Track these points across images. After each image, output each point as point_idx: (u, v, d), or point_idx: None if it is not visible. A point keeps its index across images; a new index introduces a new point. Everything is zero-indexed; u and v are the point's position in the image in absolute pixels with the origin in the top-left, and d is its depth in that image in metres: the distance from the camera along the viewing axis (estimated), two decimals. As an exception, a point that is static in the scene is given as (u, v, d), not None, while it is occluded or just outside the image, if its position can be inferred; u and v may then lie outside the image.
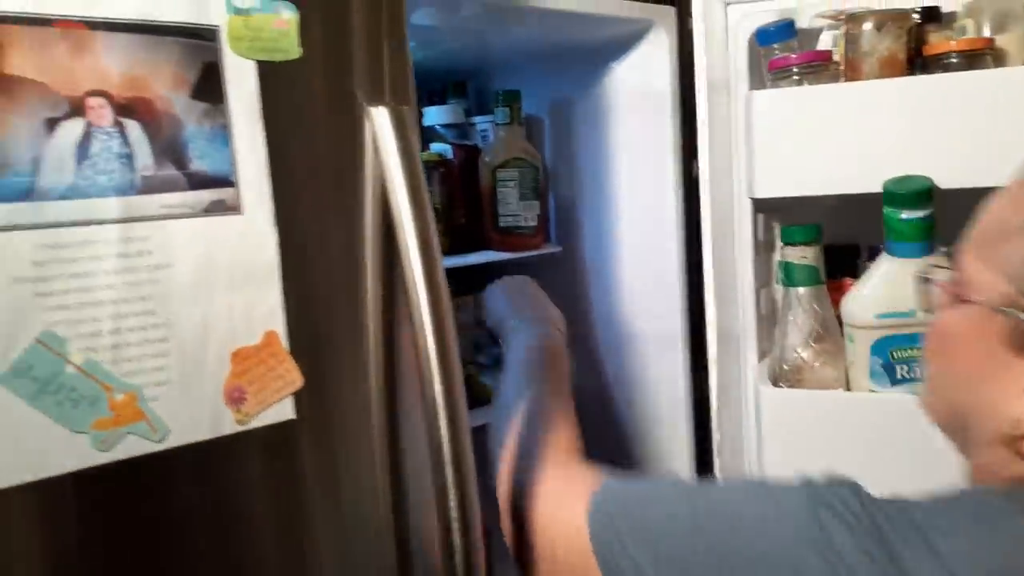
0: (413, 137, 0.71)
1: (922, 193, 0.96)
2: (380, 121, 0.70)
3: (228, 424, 0.64)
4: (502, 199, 1.33)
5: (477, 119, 1.46)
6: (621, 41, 1.24)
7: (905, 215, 0.97)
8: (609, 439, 1.41)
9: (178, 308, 0.61)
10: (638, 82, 1.25)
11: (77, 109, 0.56)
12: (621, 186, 1.34)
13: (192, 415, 0.62)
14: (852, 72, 1.07)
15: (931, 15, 1.04)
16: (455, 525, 0.70)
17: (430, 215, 0.71)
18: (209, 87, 0.61)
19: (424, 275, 0.70)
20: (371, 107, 0.70)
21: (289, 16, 0.64)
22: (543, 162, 1.37)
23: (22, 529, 0.58)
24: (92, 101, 0.56)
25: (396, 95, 0.72)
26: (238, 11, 0.62)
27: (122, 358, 0.59)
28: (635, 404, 1.38)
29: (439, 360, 0.70)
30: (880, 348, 1.01)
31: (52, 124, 0.55)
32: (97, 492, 0.60)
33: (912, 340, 0.99)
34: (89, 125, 0.56)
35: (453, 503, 0.70)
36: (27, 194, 0.55)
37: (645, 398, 1.36)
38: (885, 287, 1.01)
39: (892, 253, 1.00)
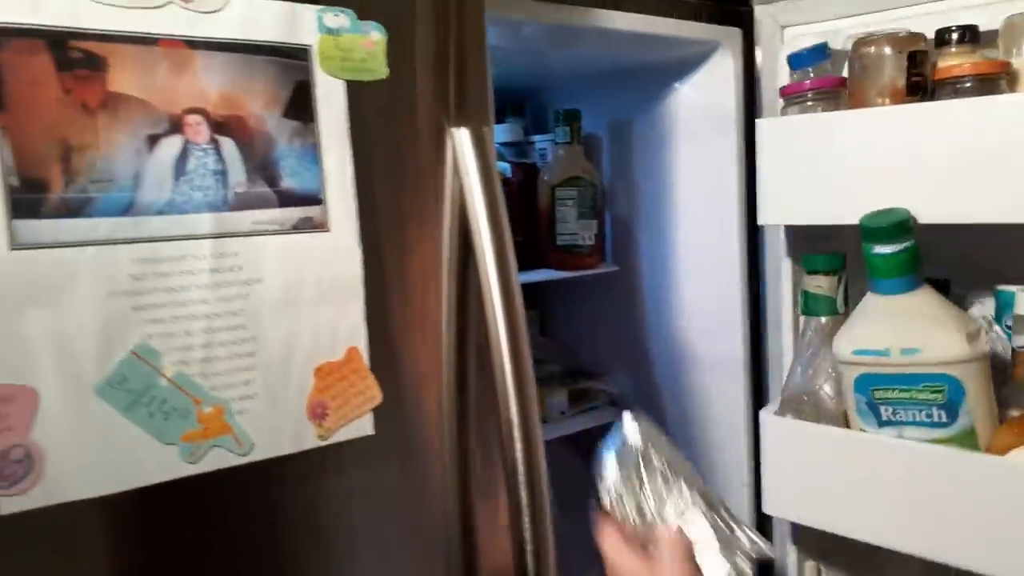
0: (492, 157, 0.72)
1: (896, 227, 0.90)
2: (461, 141, 0.70)
3: (310, 439, 0.64)
4: (560, 217, 1.33)
5: (535, 137, 1.47)
6: (685, 61, 1.24)
7: (878, 249, 0.92)
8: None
9: (266, 323, 0.62)
10: (701, 103, 1.25)
11: (176, 126, 0.57)
12: (680, 206, 1.33)
13: (276, 430, 0.63)
14: (852, 99, 1.02)
15: (945, 38, 0.96)
16: (528, 547, 0.70)
17: (508, 234, 0.72)
18: (300, 106, 0.62)
19: (501, 292, 0.70)
20: (452, 127, 0.71)
21: (378, 37, 0.65)
22: (600, 181, 1.37)
23: (111, 537, 0.59)
24: (190, 119, 0.57)
25: (476, 115, 0.73)
26: (329, 31, 0.63)
27: (211, 372, 0.60)
28: (693, 422, 1.36)
29: (514, 377, 0.70)
30: (861, 386, 0.97)
31: (153, 141, 0.56)
32: (174, 503, 0.61)
33: (891, 381, 0.94)
34: (187, 142, 0.57)
35: (527, 522, 0.70)
36: (128, 209, 0.56)
37: (704, 417, 1.35)
38: (863, 323, 0.96)
39: (871, 289, 0.96)
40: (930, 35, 0.99)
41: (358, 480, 0.68)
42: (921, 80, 0.98)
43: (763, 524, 1.23)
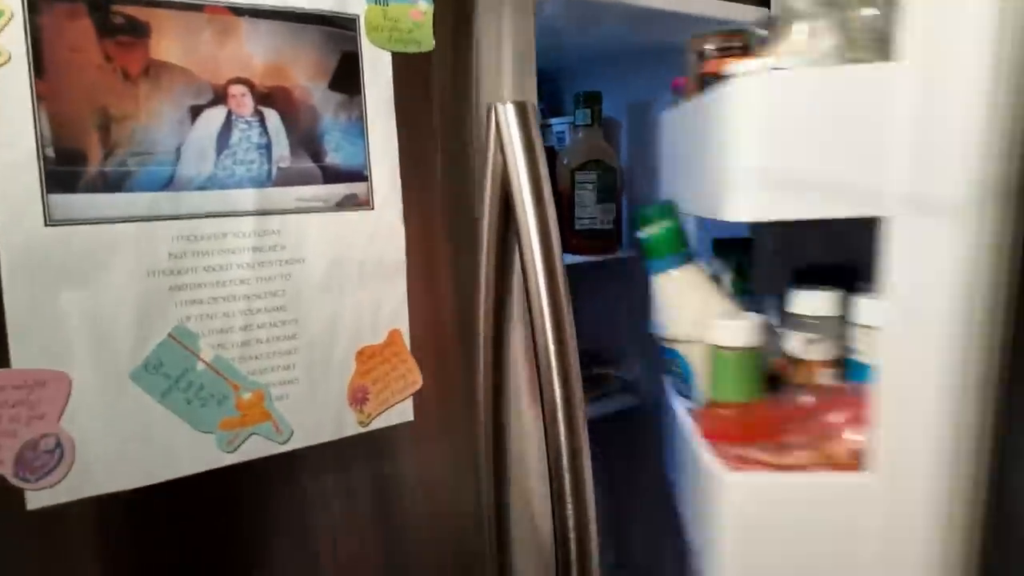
0: (536, 132, 0.69)
1: (649, 213, 0.97)
2: (506, 116, 0.68)
3: (350, 425, 0.62)
4: (579, 201, 1.30)
5: (552, 120, 1.44)
6: (709, 42, 1.21)
7: (641, 233, 0.97)
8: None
9: (308, 305, 0.59)
10: (726, 85, 1.22)
11: (220, 97, 0.54)
12: (700, 191, 1.31)
13: (317, 416, 0.60)
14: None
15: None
16: (572, 533, 0.68)
17: (551, 211, 0.69)
18: (346, 78, 0.59)
19: (545, 271, 0.68)
20: (497, 102, 0.68)
21: (425, 7, 0.62)
22: (619, 164, 1.35)
23: (148, 528, 0.56)
24: (234, 89, 0.55)
25: (522, 90, 0.70)
26: (377, 0, 0.60)
27: (250, 355, 0.58)
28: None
29: (558, 359, 0.67)
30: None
31: (196, 112, 0.53)
32: (205, 491, 0.58)
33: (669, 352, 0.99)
34: (230, 113, 0.55)
35: (570, 509, 0.68)
36: (168, 183, 0.53)
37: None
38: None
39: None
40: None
41: (396, 467, 0.66)
42: (702, 78, 0.98)
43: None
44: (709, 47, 0.98)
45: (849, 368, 0.84)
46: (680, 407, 0.96)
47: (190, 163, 0.53)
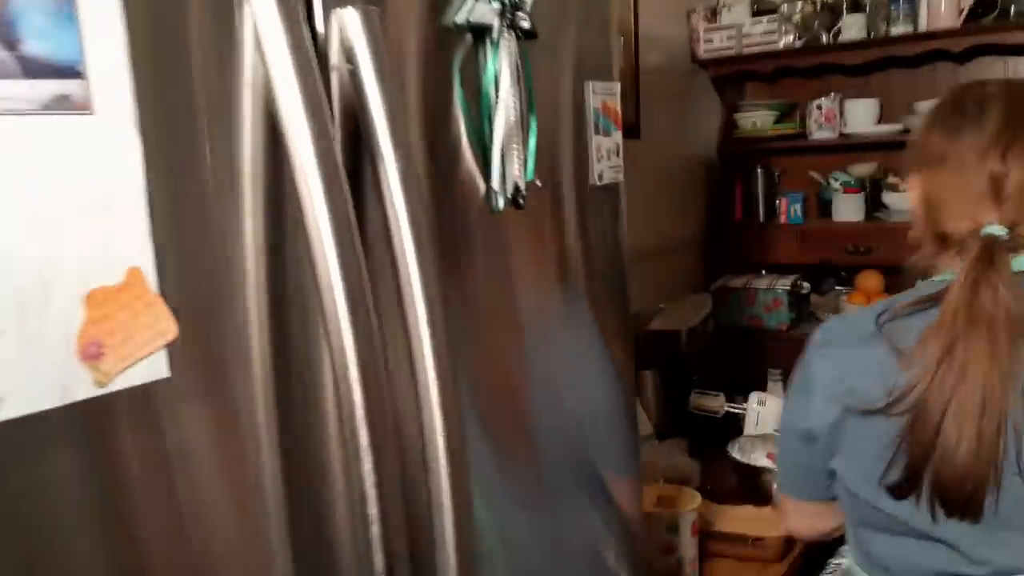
0: (304, 30, 0.58)
1: None
2: (262, 8, 0.57)
3: (84, 387, 0.50)
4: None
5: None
6: None
7: None
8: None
9: (9, 240, 0.46)
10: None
11: None
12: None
13: (34, 377, 0.48)
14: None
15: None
16: (372, 501, 0.60)
17: (327, 124, 0.59)
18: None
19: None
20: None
21: None
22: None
23: None
24: None
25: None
26: None
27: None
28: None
29: (349, 308, 0.59)
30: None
31: None
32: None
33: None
34: None
35: (368, 467, 0.60)
36: None
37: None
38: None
39: None
40: None
41: (152, 433, 0.55)
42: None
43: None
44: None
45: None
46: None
47: None
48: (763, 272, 2.64)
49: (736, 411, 1.90)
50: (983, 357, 0.83)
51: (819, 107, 2.54)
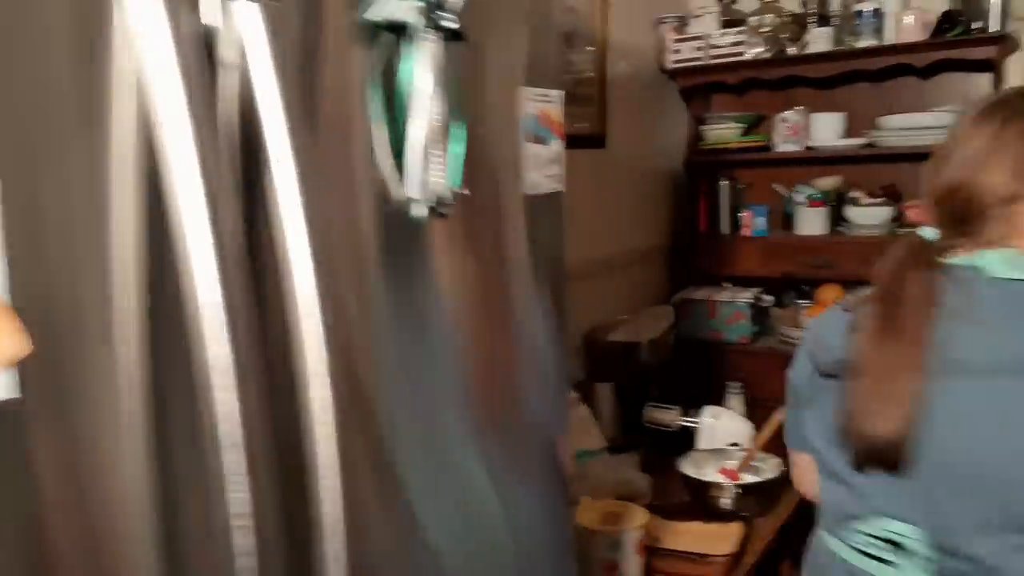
0: (186, 20, 0.54)
1: None
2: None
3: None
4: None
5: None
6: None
7: None
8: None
9: None
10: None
11: None
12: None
13: None
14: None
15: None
16: (248, 530, 0.56)
17: (203, 123, 0.55)
18: None
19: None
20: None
21: None
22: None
23: None
24: None
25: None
26: None
27: None
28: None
29: (226, 312, 0.55)
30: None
31: None
32: None
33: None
34: None
35: (246, 492, 0.56)
36: None
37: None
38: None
39: None
40: None
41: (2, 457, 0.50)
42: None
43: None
44: None
45: None
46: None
47: None
48: (725, 284, 2.63)
49: (690, 425, 1.87)
50: (904, 331, 0.95)
51: (784, 120, 2.53)
